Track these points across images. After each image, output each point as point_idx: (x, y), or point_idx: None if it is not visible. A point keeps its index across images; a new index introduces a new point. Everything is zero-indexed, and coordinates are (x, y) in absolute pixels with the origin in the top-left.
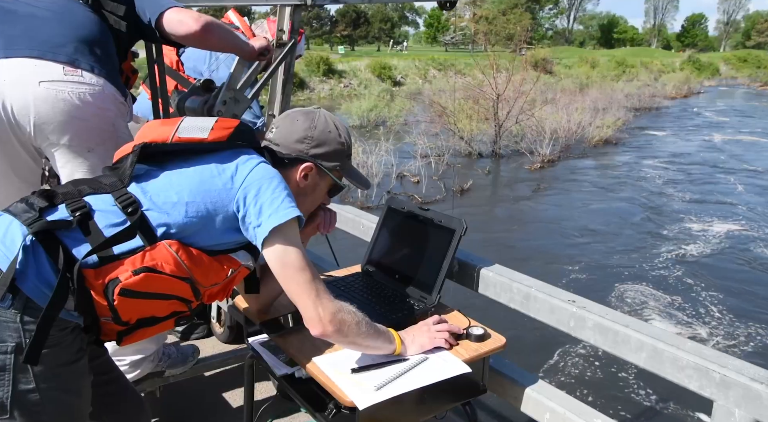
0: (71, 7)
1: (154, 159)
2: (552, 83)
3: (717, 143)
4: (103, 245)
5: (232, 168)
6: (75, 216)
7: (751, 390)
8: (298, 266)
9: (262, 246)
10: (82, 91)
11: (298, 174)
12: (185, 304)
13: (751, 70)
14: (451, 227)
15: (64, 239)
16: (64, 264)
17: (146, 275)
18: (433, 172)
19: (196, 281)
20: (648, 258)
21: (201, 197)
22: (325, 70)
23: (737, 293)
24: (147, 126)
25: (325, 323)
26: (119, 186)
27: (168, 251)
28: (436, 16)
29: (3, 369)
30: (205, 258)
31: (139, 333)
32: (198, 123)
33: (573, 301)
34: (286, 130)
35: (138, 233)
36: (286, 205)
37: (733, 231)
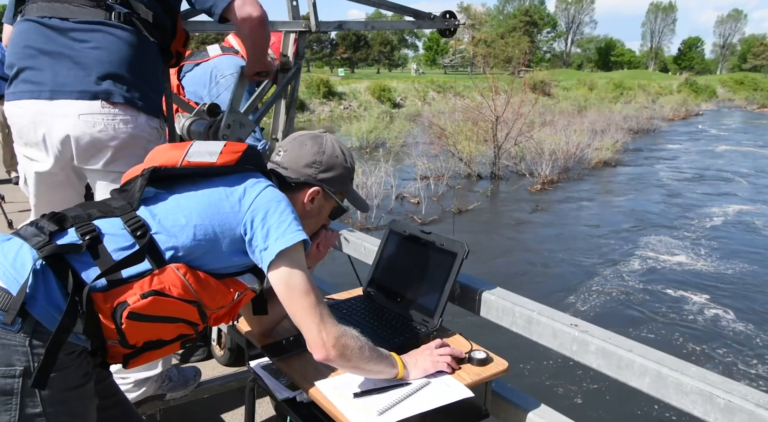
0: (102, 32)
1: (162, 182)
2: (550, 105)
3: (718, 165)
4: (111, 269)
5: (240, 191)
6: (84, 240)
7: (756, 417)
8: (302, 290)
9: (268, 269)
10: (116, 122)
11: (306, 197)
12: (192, 327)
13: (748, 92)
14: (453, 250)
15: (74, 263)
16: (74, 288)
17: (154, 298)
18: (433, 194)
19: (203, 304)
20: (649, 280)
21: (209, 220)
22: (325, 92)
23: (749, 315)
24: (156, 150)
25: (328, 348)
26: (128, 209)
27: (176, 274)
28: (435, 39)
29: (11, 393)
30: (212, 282)
31: (145, 356)
32: (207, 147)
33: (575, 325)
34: (295, 154)
35: (147, 256)
36: (293, 229)
37: (734, 251)
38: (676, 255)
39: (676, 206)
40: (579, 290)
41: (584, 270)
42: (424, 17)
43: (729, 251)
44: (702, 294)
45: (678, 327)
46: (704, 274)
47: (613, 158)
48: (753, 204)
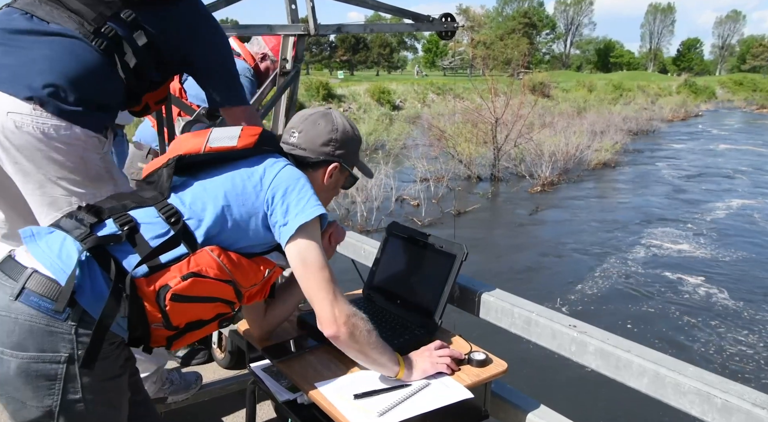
0: (72, 46)
1: (187, 170)
2: (550, 107)
3: (719, 164)
4: (150, 255)
5: (260, 170)
6: (123, 231)
7: (754, 416)
8: (318, 265)
9: (286, 243)
10: (46, 126)
11: (326, 174)
12: (229, 306)
13: (747, 93)
14: (452, 252)
15: (115, 252)
16: (117, 276)
17: (193, 280)
18: (433, 195)
19: (238, 283)
20: (650, 276)
21: (234, 201)
22: (324, 95)
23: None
24: (178, 140)
25: (339, 324)
26: (160, 198)
27: (210, 256)
28: (435, 41)
29: (54, 378)
30: (243, 261)
31: (187, 337)
32: (226, 133)
33: (574, 326)
34: (311, 135)
35: (182, 241)
36: (312, 204)
37: (733, 253)
38: (677, 253)
39: (677, 204)
40: (580, 288)
41: (585, 268)
42: (423, 20)
43: (730, 242)
44: (711, 286)
45: (682, 324)
46: (708, 265)
47: (613, 159)
48: (754, 198)
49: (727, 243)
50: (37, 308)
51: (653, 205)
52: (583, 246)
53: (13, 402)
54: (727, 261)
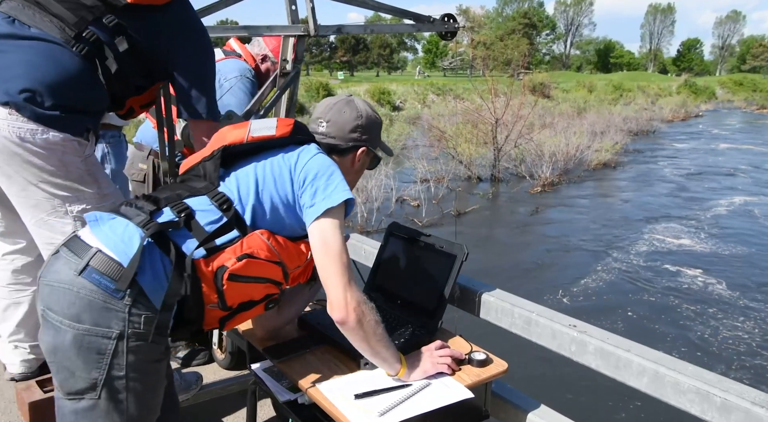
0: (51, 51)
1: (228, 160)
2: (550, 107)
3: (719, 163)
4: (208, 238)
5: (294, 156)
6: (181, 217)
7: (752, 415)
8: (338, 249)
9: (311, 225)
10: (22, 131)
11: (355, 158)
12: (277, 287)
13: (747, 93)
14: (453, 252)
15: (173, 237)
16: (177, 258)
17: (248, 261)
18: (433, 196)
19: (285, 264)
20: (651, 278)
21: (273, 185)
22: (324, 96)
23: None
24: (219, 134)
25: (349, 310)
26: (211, 188)
27: (260, 239)
28: (435, 42)
29: (103, 353)
30: (289, 244)
31: (238, 318)
32: (264, 123)
33: (574, 326)
34: (338, 123)
35: (234, 226)
36: (340, 190)
37: (733, 253)
38: (678, 248)
39: (678, 203)
40: (581, 288)
41: (586, 268)
42: (424, 20)
43: (731, 239)
44: (712, 281)
45: (686, 320)
46: (709, 262)
47: (613, 159)
48: (756, 196)
49: (728, 239)
50: (98, 285)
51: (654, 204)
52: (584, 245)
53: (64, 370)
54: (728, 255)
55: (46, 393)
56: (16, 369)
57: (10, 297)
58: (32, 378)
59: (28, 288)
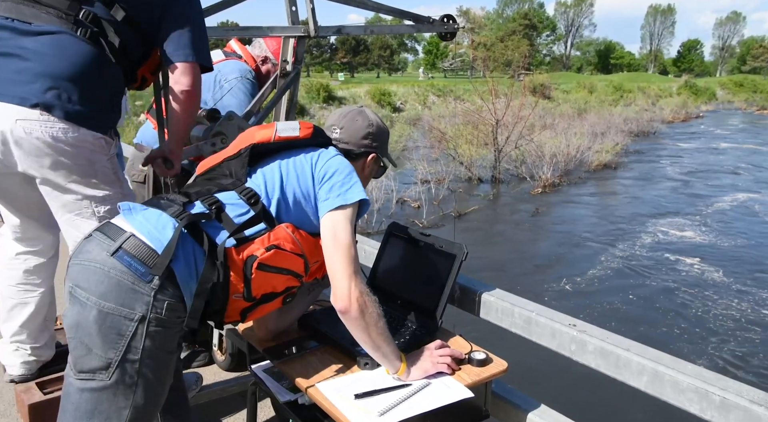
0: (60, 42)
1: (253, 159)
2: (550, 108)
3: (720, 161)
4: (239, 229)
5: (316, 155)
6: (212, 210)
7: (751, 413)
8: (347, 242)
9: (323, 218)
10: (54, 130)
11: (366, 164)
12: (298, 279)
13: (748, 94)
14: (452, 252)
15: (205, 228)
16: (210, 246)
17: (275, 251)
18: (434, 197)
19: (306, 258)
20: (651, 278)
21: (296, 181)
22: (325, 97)
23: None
24: (246, 134)
25: (352, 300)
26: (239, 184)
27: (286, 232)
28: (435, 43)
29: (123, 335)
30: (310, 239)
31: (259, 309)
32: (289, 125)
33: (574, 325)
34: (351, 130)
35: (262, 219)
36: (356, 189)
37: (736, 257)
38: (678, 248)
39: (679, 204)
40: (582, 287)
41: (586, 268)
42: (423, 21)
43: (732, 235)
44: (716, 281)
45: (691, 325)
46: (713, 263)
47: (614, 160)
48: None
49: (730, 235)
50: (128, 266)
51: (655, 205)
52: (585, 246)
53: (81, 347)
54: (732, 250)
55: (45, 394)
56: (16, 371)
57: (18, 297)
58: (32, 380)
59: (37, 290)
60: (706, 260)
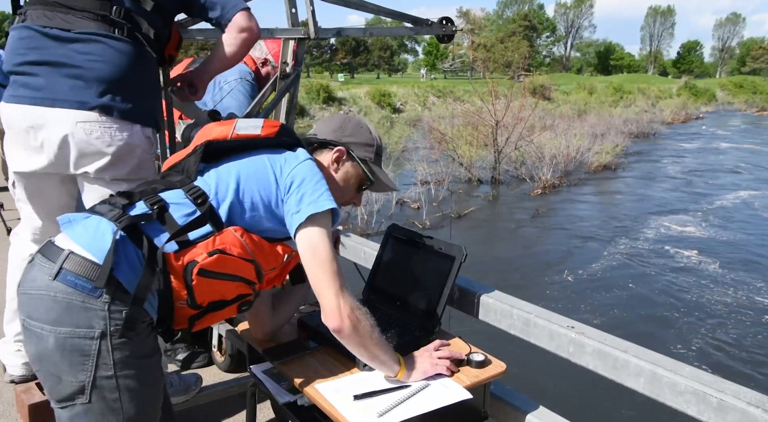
0: (103, 46)
1: (212, 157)
2: (550, 109)
3: (721, 161)
4: (179, 232)
5: (281, 160)
6: (154, 210)
7: (748, 415)
8: (327, 256)
9: (296, 232)
10: (112, 130)
11: (331, 156)
12: (250, 287)
13: (748, 95)
14: (451, 254)
15: (146, 230)
16: (149, 250)
17: (219, 256)
18: (433, 198)
19: (259, 264)
20: (650, 278)
21: (255, 185)
22: (325, 98)
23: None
24: (204, 130)
25: (343, 316)
26: (187, 181)
27: (234, 235)
28: (435, 44)
29: (88, 354)
30: (265, 245)
31: (209, 318)
32: (250, 123)
33: (572, 327)
34: (324, 124)
35: (208, 221)
36: (325, 197)
37: (736, 266)
38: (677, 249)
39: (679, 206)
40: (581, 288)
41: (586, 269)
42: (422, 24)
43: (735, 229)
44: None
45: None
46: (714, 262)
47: (614, 162)
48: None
49: (731, 233)
50: (74, 286)
51: (655, 205)
52: (584, 247)
53: (51, 377)
54: (733, 248)
55: (45, 395)
56: (17, 372)
57: None
58: (32, 380)
59: None
60: (705, 259)
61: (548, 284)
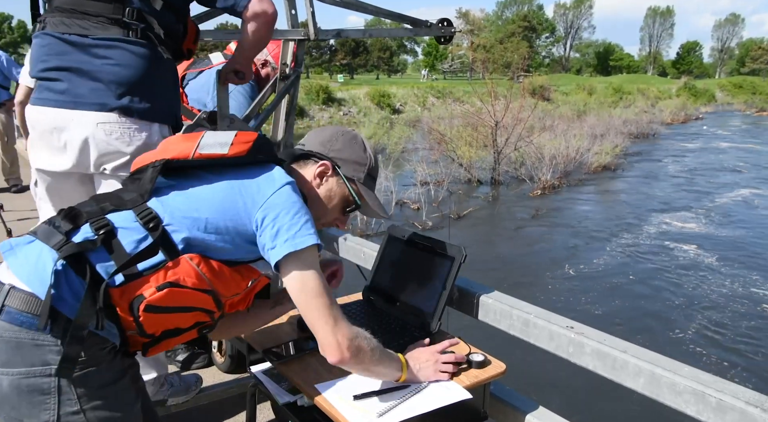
0: (119, 49)
1: (174, 172)
2: (550, 110)
3: (721, 160)
4: (126, 264)
5: (253, 187)
6: (99, 235)
7: (747, 415)
8: (315, 292)
9: (279, 270)
10: (132, 130)
11: (315, 170)
12: (208, 315)
13: (747, 96)
14: (451, 255)
15: (91, 258)
16: (90, 285)
17: (169, 290)
18: (433, 199)
19: (218, 292)
20: (651, 278)
21: (221, 214)
22: (324, 99)
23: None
24: (168, 141)
25: (343, 350)
26: (140, 201)
27: (190, 265)
28: (434, 45)
29: (48, 393)
30: (225, 270)
31: (164, 344)
32: (218, 138)
33: (571, 327)
34: (314, 135)
35: (160, 248)
36: (304, 233)
37: (733, 266)
38: (677, 249)
39: (678, 206)
40: (581, 289)
41: (586, 270)
42: (421, 25)
43: (736, 226)
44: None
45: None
46: (705, 270)
47: (613, 162)
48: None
49: (733, 230)
50: (20, 324)
51: (654, 206)
52: (584, 247)
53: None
54: (735, 246)
55: None
56: None
57: None
58: None
59: None
60: (705, 257)
61: (548, 284)
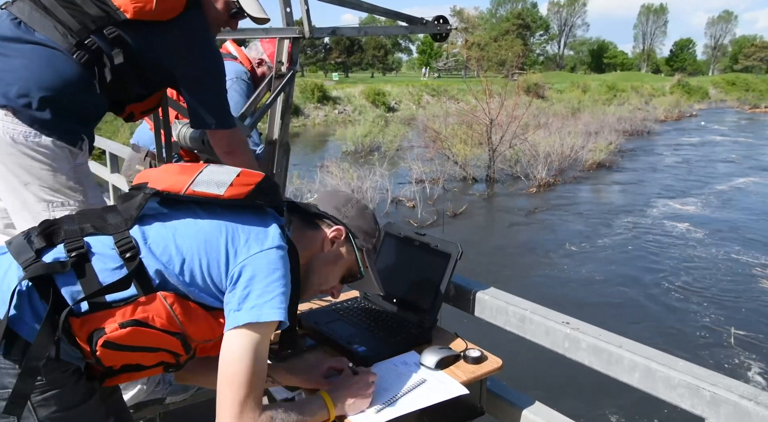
0: (51, 57)
1: (168, 201)
2: (544, 108)
3: (716, 153)
4: (95, 294)
5: (241, 239)
6: (71, 258)
7: (741, 408)
8: (244, 376)
9: (229, 331)
10: (16, 133)
11: (329, 234)
12: (174, 357)
13: (740, 93)
14: (447, 251)
15: (58, 281)
16: (52, 310)
17: (134, 329)
18: (429, 197)
19: (188, 336)
20: (648, 276)
21: (199, 259)
22: (319, 97)
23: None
24: (166, 169)
25: None
26: (122, 228)
27: (163, 304)
28: (429, 43)
29: (7, 416)
30: (201, 313)
31: (123, 377)
32: (217, 176)
33: (567, 323)
34: (328, 197)
35: (134, 281)
36: (274, 305)
37: (732, 258)
38: (673, 246)
39: (675, 204)
40: (577, 285)
41: (582, 267)
42: (417, 22)
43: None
44: (696, 289)
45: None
46: (703, 264)
47: (608, 159)
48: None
49: (732, 230)
50: None
51: (649, 204)
52: (580, 243)
53: None
54: (735, 244)
55: None
56: None
57: None
58: None
59: None
60: (704, 255)
61: (544, 280)
